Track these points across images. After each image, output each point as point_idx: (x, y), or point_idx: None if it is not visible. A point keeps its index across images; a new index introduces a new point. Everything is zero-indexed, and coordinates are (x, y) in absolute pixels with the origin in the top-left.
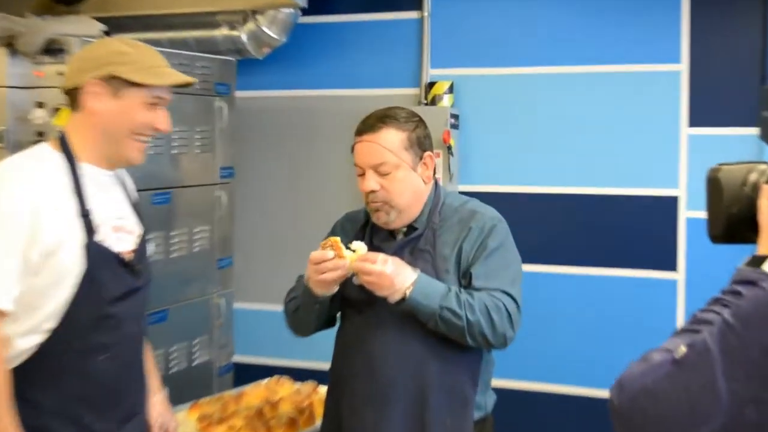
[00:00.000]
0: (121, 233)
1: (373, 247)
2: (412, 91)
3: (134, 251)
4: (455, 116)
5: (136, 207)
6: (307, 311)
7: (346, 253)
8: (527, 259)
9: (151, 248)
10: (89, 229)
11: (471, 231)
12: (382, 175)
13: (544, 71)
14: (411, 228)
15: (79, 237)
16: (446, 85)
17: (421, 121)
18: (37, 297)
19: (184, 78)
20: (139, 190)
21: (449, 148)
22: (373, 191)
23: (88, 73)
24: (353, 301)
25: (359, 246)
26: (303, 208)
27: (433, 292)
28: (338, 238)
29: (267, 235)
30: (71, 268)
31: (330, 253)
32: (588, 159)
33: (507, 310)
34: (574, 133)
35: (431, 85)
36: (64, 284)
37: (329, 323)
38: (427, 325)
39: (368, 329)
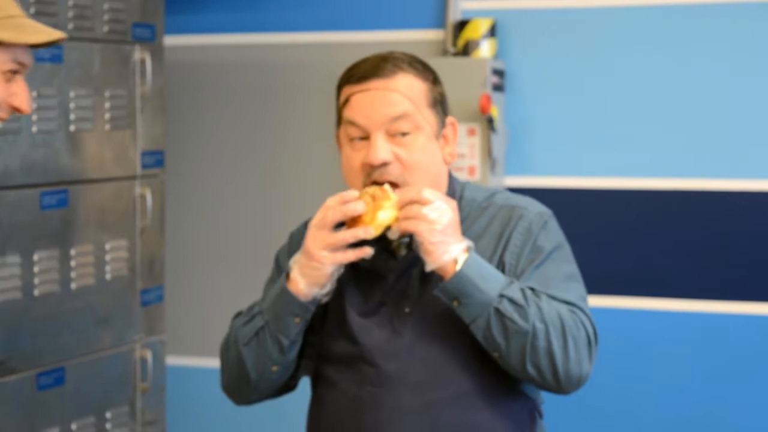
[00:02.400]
0: None
1: (360, 271)
2: (433, 34)
3: None
4: (499, 73)
5: None
6: (277, 335)
7: (381, 216)
8: (612, 288)
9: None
10: None
11: (513, 235)
12: (396, 138)
13: (640, 2)
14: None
15: None
16: (485, 25)
17: (437, 74)
18: None
19: (53, 33)
20: (20, 186)
21: (490, 120)
22: (384, 163)
23: None
24: (344, 357)
25: (388, 191)
26: (267, 212)
27: (492, 274)
28: (391, 190)
29: (215, 254)
30: None
31: (361, 206)
32: (710, 137)
33: (587, 331)
34: (687, 95)
35: (462, 24)
36: None
37: (288, 386)
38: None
39: (371, 402)
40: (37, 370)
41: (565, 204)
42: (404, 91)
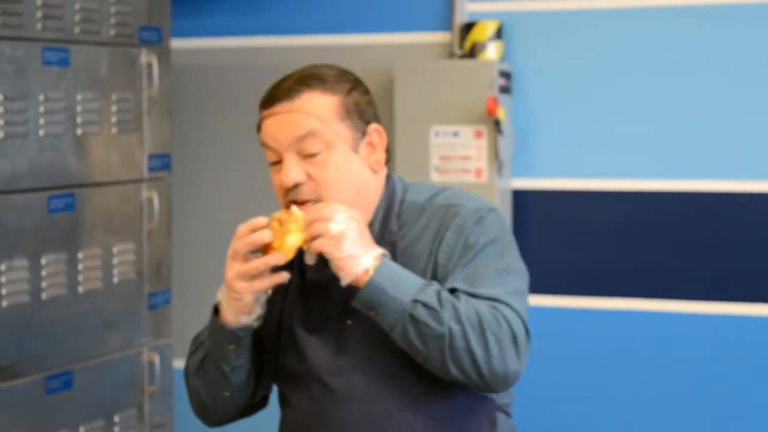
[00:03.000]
0: None
1: (306, 285)
2: (439, 36)
3: None
4: (506, 75)
5: None
6: (217, 363)
7: (289, 240)
8: (617, 290)
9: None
10: None
11: (446, 234)
12: (308, 158)
13: (647, 3)
14: None
15: None
16: (492, 27)
17: (358, 82)
18: None
19: None
20: (27, 191)
21: (497, 123)
22: (297, 184)
23: None
24: (296, 374)
25: (295, 213)
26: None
27: (405, 279)
28: (298, 212)
29: (222, 258)
30: None
31: (267, 234)
32: (717, 139)
33: (511, 327)
34: (693, 96)
35: (469, 27)
36: None
37: (256, 404)
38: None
39: (321, 419)
40: (45, 373)
41: (571, 205)
42: (309, 110)
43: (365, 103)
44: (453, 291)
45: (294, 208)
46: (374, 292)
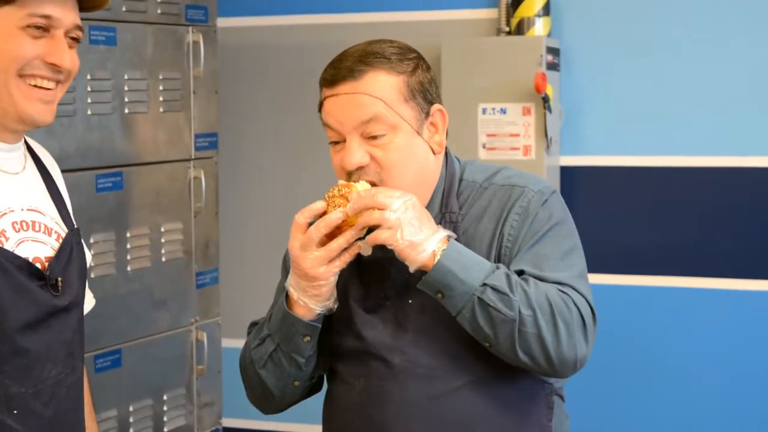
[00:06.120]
0: (31, 232)
1: (363, 264)
2: (486, 13)
3: (53, 258)
4: (554, 51)
5: (57, 197)
6: (291, 355)
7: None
8: (666, 268)
9: (89, 256)
10: None
11: (510, 215)
12: (371, 140)
13: None
14: None
15: None
16: (539, 3)
17: (421, 59)
18: None
19: None
20: (75, 170)
21: (545, 100)
22: (360, 167)
23: None
24: (353, 352)
25: (355, 187)
26: (321, 193)
27: (473, 262)
28: (362, 185)
29: (269, 236)
30: None
31: (339, 213)
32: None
33: (580, 313)
34: (745, 73)
35: (516, 3)
36: None
37: (314, 386)
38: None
39: (379, 396)
40: (94, 352)
41: (619, 183)
42: (374, 93)
43: (428, 82)
44: (520, 273)
45: (362, 182)
46: (442, 275)
